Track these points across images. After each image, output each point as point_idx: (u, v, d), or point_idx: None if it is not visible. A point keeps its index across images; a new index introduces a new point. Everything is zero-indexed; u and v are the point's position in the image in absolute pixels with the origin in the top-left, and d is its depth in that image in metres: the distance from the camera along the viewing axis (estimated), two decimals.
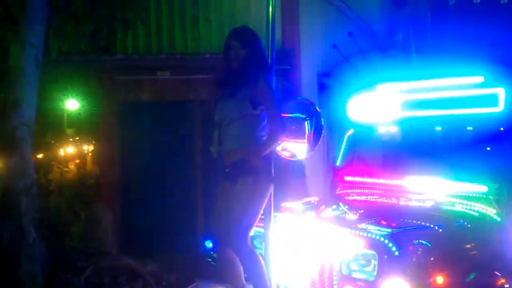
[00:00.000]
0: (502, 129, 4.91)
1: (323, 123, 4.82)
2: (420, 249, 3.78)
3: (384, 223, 4.42)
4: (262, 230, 4.44)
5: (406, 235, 4.04)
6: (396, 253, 3.78)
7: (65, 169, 11.09)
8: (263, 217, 4.35)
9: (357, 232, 4.16)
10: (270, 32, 4.42)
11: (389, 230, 4.17)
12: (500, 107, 4.90)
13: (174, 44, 8.82)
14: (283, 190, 7.20)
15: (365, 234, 4.08)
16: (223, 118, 4.22)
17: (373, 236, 4.01)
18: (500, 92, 4.92)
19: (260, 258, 4.21)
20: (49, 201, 9.09)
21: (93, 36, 7.58)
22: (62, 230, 8.42)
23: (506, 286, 4.24)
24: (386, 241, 3.88)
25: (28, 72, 6.64)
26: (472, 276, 4.02)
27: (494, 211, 4.70)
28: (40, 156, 10.76)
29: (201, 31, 8.71)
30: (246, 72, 4.18)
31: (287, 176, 7.61)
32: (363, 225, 4.33)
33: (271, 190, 4.27)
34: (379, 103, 5.92)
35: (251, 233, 4.24)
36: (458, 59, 5.47)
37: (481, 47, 5.80)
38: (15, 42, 6.62)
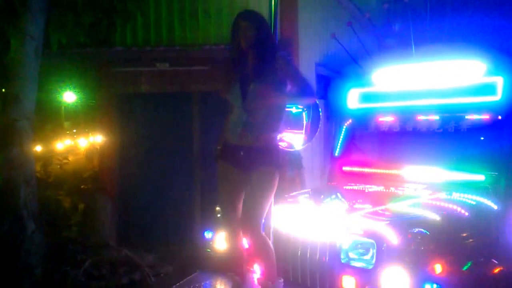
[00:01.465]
0: (499, 117, 4.91)
1: (320, 114, 4.83)
2: (419, 237, 3.78)
3: (382, 212, 4.42)
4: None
5: (405, 223, 4.04)
6: (395, 241, 3.77)
7: (64, 161, 11.08)
8: None
9: (356, 221, 4.17)
10: (272, 23, 4.41)
11: (388, 219, 4.17)
12: (498, 96, 4.91)
13: (173, 35, 8.81)
14: (280, 181, 7.24)
15: (363, 223, 4.09)
16: (248, 103, 4.07)
17: (372, 225, 4.02)
18: (498, 81, 4.93)
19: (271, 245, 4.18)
20: (48, 193, 9.09)
21: (92, 28, 7.58)
22: (60, 222, 8.43)
23: (502, 273, 4.25)
24: (385, 230, 3.89)
25: (28, 64, 6.67)
26: (469, 264, 4.04)
27: (492, 199, 4.71)
28: (39, 148, 10.74)
29: (200, 23, 8.70)
30: (261, 52, 4.05)
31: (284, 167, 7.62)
32: (361, 215, 4.34)
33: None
34: (377, 93, 5.94)
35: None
36: (458, 48, 5.46)
37: (480, 36, 5.79)
38: (16, 34, 6.63)
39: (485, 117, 4.99)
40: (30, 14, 6.55)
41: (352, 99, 6.20)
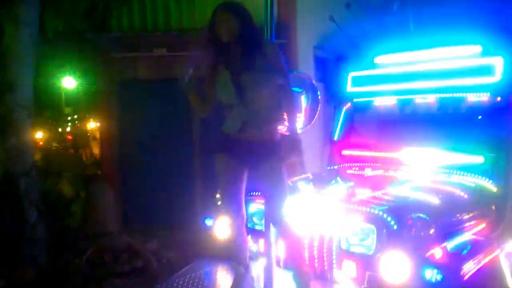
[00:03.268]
0: (498, 99, 4.89)
1: (319, 97, 4.80)
2: (418, 223, 3.77)
3: (382, 196, 4.43)
4: (262, 206, 4.45)
5: (404, 208, 4.04)
6: (395, 226, 3.77)
7: (64, 149, 11.04)
8: (259, 194, 4.38)
9: (356, 206, 4.17)
10: (268, 6, 4.37)
11: (388, 203, 4.17)
12: (496, 77, 4.88)
13: (169, 20, 8.76)
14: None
15: (363, 208, 4.08)
16: (246, 96, 3.90)
17: (372, 210, 4.01)
18: (497, 61, 4.90)
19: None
20: (49, 182, 9.09)
21: (88, 14, 7.52)
22: (62, 211, 8.45)
23: (502, 256, 4.25)
24: (385, 215, 3.88)
25: (23, 52, 6.62)
26: (469, 248, 4.04)
27: (491, 181, 4.71)
28: (39, 136, 10.70)
29: (196, 7, 8.64)
30: (245, 42, 3.90)
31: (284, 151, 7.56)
32: (361, 199, 4.34)
33: None
34: (376, 76, 5.91)
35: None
36: (456, 28, 5.43)
37: (479, 16, 5.74)
38: (10, 22, 6.57)
39: (484, 98, 4.96)
40: (23, 0, 6.48)
41: (351, 82, 6.18)
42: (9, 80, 6.55)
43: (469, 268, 3.76)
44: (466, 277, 3.64)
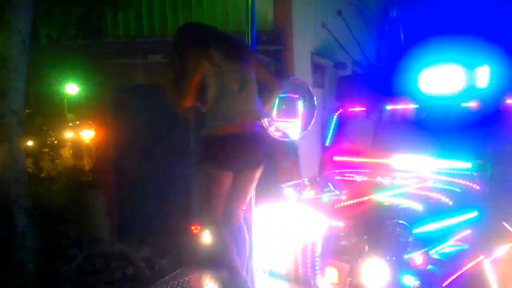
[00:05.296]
0: (485, 106, 4.89)
1: (316, 103, 4.79)
2: (398, 229, 3.76)
3: (366, 203, 4.41)
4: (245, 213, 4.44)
5: (386, 214, 4.04)
6: (375, 233, 3.77)
7: (57, 156, 11.00)
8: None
9: (339, 213, 4.16)
10: (249, 10, 4.38)
11: (369, 210, 4.18)
12: (483, 85, 4.87)
13: (166, 26, 8.76)
14: (276, 172, 7.19)
15: (346, 215, 4.09)
16: (225, 91, 4.13)
17: (354, 217, 4.01)
18: (484, 69, 4.88)
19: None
20: (41, 188, 9.09)
21: (82, 20, 7.52)
22: (54, 217, 8.41)
23: (487, 262, 4.22)
24: (367, 222, 3.89)
25: (15, 59, 6.59)
26: (451, 254, 4.01)
27: (478, 187, 4.68)
28: (30, 143, 10.63)
29: (193, 13, 8.64)
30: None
31: (280, 157, 7.55)
32: (344, 206, 4.32)
33: None
34: (367, 83, 5.90)
35: None
36: (446, 36, 5.42)
37: (468, 24, 5.74)
38: (2, 29, 6.56)
39: (471, 105, 4.95)
40: (14, 8, 6.47)
41: (343, 88, 6.17)
42: (1, 86, 6.55)
43: (450, 274, 3.72)
44: (446, 283, 3.60)
